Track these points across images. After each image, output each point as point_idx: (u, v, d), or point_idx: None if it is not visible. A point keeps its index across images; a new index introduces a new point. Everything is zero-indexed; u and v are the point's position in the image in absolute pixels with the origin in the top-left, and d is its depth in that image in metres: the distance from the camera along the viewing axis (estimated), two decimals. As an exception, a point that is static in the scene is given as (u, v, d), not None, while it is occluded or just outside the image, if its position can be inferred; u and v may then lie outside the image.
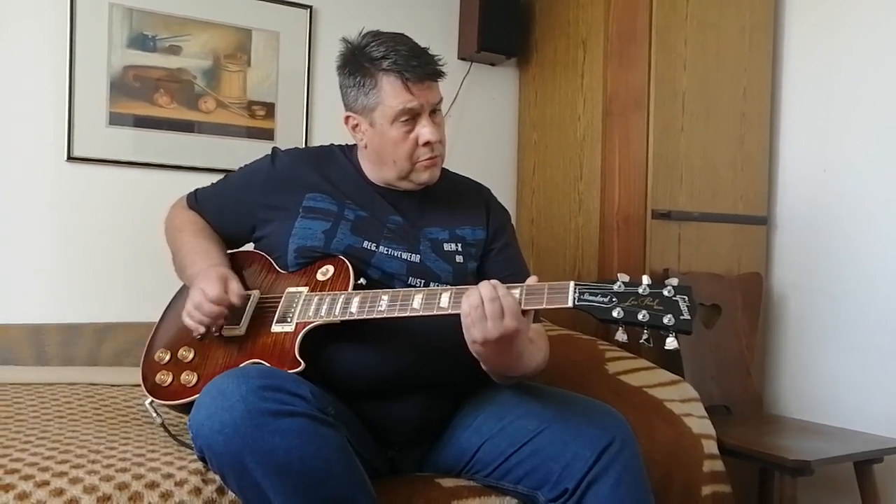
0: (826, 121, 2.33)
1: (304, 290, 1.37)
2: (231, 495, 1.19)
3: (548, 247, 2.61)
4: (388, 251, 1.42)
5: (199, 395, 1.15)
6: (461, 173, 1.66)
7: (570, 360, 1.92)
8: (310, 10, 2.43)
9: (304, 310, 1.33)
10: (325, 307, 1.31)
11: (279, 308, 1.36)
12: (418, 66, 1.35)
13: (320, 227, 1.43)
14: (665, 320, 1.10)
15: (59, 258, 2.13)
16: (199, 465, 1.22)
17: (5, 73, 2.07)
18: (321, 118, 2.46)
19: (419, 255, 1.43)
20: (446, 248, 1.47)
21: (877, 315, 2.16)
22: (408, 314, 1.24)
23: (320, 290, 1.36)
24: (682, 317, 1.10)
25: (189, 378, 1.34)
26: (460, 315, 1.18)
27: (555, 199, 2.59)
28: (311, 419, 1.11)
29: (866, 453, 1.86)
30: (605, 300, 1.13)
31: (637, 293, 1.13)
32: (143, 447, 1.31)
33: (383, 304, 1.27)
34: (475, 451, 1.37)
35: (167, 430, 1.36)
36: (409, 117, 1.38)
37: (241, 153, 2.14)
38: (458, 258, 1.47)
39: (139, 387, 1.41)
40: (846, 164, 2.26)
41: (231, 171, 1.65)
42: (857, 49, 2.25)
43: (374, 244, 1.42)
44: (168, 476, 1.19)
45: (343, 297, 1.31)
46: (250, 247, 1.56)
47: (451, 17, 2.63)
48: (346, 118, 1.47)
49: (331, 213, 1.45)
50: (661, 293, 1.12)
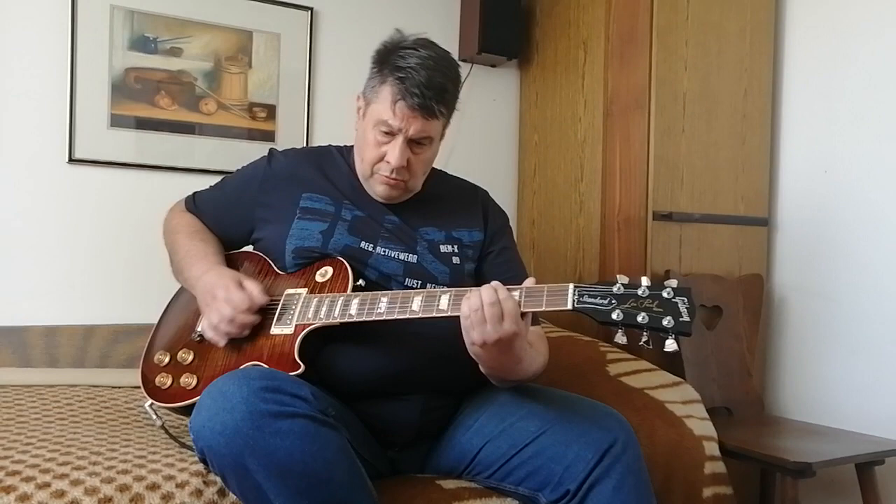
0: (827, 121, 2.32)
1: (303, 291, 1.37)
2: (232, 497, 1.19)
3: (548, 248, 2.61)
4: (385, 252, 1.42)
5: (199, 397, 1.15)
6: (462, 174, 1.66)
7: (572, 362, 1.91)
8: (310, 12, 2.43)
9: (303, 312, 1.33)
10: (324, 309, 1.31)
11: (278, 310, 1.36)
12: (418, 95, 1.34)
13: (318, 227, 1.43)
14: (664, 322, 1.10)
15: (60, 260, 2.13)
16: (201, 466, 1.22)
17: (6, 75, 2.08)
18: (322, 120, 2.46)
19: (416, 256, 1.43)
20: (442, 249, 1.47)
21: (878, 316, 2.16)
22: (407, 316, 1.24)
23: (319, 292, 1.35)
24: (681, 318, 1.10)
25: (189, 380, 1.34)
26: (460, 317, 1.18)
27: (555, 200, 2.59)
28: (312, 420, 1.11)
29: (868, 455, 1.85)
30: (605, 302, 1.13)
31: (636, 295, 1.12)
32: (145, 449, 1.31)
33: (383, 306, 1.27)
34: (476, 452, 1.37)
35: (168, 433, 1.36)
36: (387, 131, 1.39)
37: (243, 155, 2.14)
38: (455, 259, 1.47)
39: (140, 388, 1.41)
40: (847, 165, 2.26)
41: (232, 172, 1.65)
42: (857, 49, 2.25)
43: (372, 245, 1.43)
44: (169, 478, 1.19)
45: (342, 298, 1.31)
46: (248, 248, 1.55)
47: (452, 18, 2.63)
48: (358, 97, 1.49)
49: (328, 213, 1.45)
50: (661, 295, 1.12)
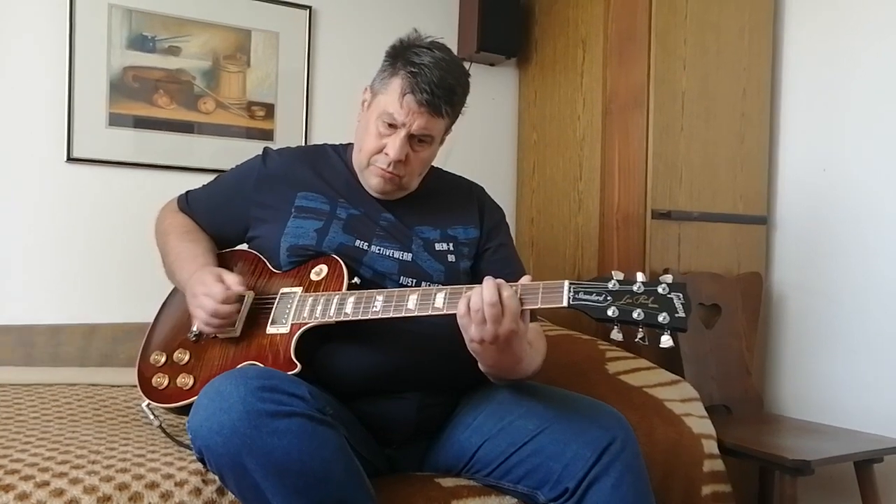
0: (826, 120, 2.32)
1: (299, 290, 1.37)
2: (231, 496, 1.19)
3: (547, 246, 2.61)
4: (380, 250, 1.42)
5: (196, 396, 1.15)
6: (461, 173, 1.66)
7: (571, 360, 1.91)
8: (309, 11, 2.43)
9: (298, 311, 1.33)
10: (319, 308, 1.31)
11: (273, 309, 1.36)
12: (427, 91, 1.35)
13: (312, 225, 1.43)
14: (660, 318, 1.09)
15: (59, 259, 2.13)
16: (200, 465, 1.22)
17: (5, 75, 2.07)
18: (321, 118, 2.46)
19: (411, 254, 1.43)
20: (437, 247, 1.47)
21: (877, 314, 2.16)
22: (403, 314, 1.24)
23: (314, 291, 1.35)
24: (676, 315, 1.09)
25: (185, 381, 1.34)
26: (456, 314, 1.18)
27: (554, 198, 2.59)
28: (310, 419, 1.11)
29: (866, 453, 1.85)
30: (600, 299, 1.12)
31: (631, 291, 1.12)
32: (143, 448, 1.31)
33: (378, 305, 1.26)
34: (475, 450, 1.36)
35: (165, 433, 1.36)
36: (390, 123, 1.39)
37: (241, 154, 2.11)
38: (450, 257, 1.47)
39: (138, 387, 1.41)
40: (846, 163, 2.26)
41: (225, 171, 1.65)
42: (856, 48, 2.24)
43: (366, 243, 1.42)
44: (168, 476, 1.19)
45: (337, 297, 1.30)
46: (244, 247, 1.55)
47: (451, 17, 2.63)
48: (365, 90, 1.49)
49: (323, 211, 1.45)
50: (656, 291, 1.11)
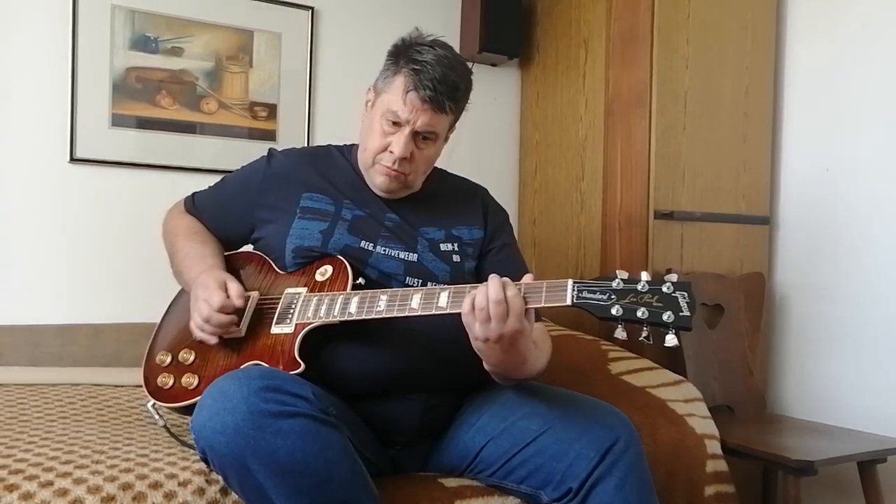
0: (829, 120, 2.32)
1: (303, 290, 1.37)
2: (235, 496, 1.19)
3: (550, 247, 2.61)
4: (385, 251, 1.42)
5: (200, 396, 1.15)
6: (463, 173, 1.66)
7: (573, 361, 1.91)
8: (311, 11, 2.43)
9: (303, 310, 1.33)
10: (324, 308, 1.31)
11: (278, 309, 1.36)
12: (430, 88, 1.36)
13: (317, 227, 1.43)
14: (664, 317, 1.09)
15: (62, 259, 2.13)
16: (203, 465, 1.22)
17: (8, 75, 2.08)
18: (323, 119, 2.46)
19: (416, 255, 1.43)
20: (443, 247, 1.47)
21: (880, 315, 2.16)
22: (406, 314, 1.24)
23: (319, 291, 1.35)
24: (681, 313, 1.09)
25: (190, 380, 1.34)
26: (461, 314, 1.18)
27: (557, 198, 2.59)
28: (313, 420, 1.11)
29: (870, 453, 1.85)
30: (604, 298, 1.12)
31: (636, 290, 1.12)
32: (147, 447, 1.31)
33: (382, 304, 1.27)
34: (478, 450, 1.36)
35: (170, 433, 1.36)
36: (394, 121, 1.39)
37: (244, 154, 2.13)
38: (455, 258, 1.47)
39: (142, 387, 1.41)
40: (849, 163, 2.26)
41: (231, 172, 1.65)
42: (859, 47, 2.24)
43: (372, 244, 1.43)
44: (172, 476, 1.20)
45: (342, 297, 1.31)
46: (249, 248, 1.56)
47: (453, 17, 2.63)
48: (368, 90, 1.50)
49: (328, 212, 1.45)
50: (661, 290, 1.11)
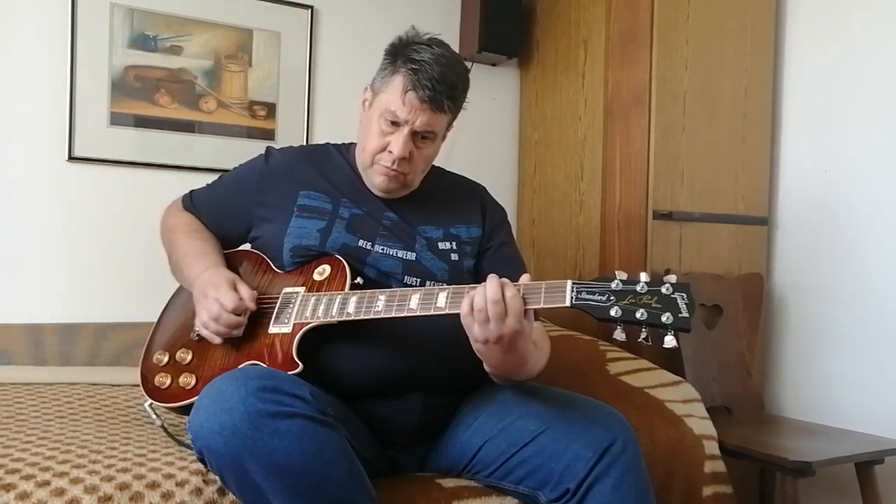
0: (828, 121, 2.32)
1: (301, 290, 1.37)
2: (232, 496, 1.19)
3: (548, 247, 2.61)
4: (383, 250, 1.42)
5: (198, 396, 1.15)
6: (462, 172, 1.66)
7: (572, 361, 1.91)
8: (311, 10, 2.43)
9: (301, 310, 1.32)
10: (322, 308, 1.30)
11: (276, 309, 1.35)
12: (429, 88, 1.35)
13: (315, 225, 1.43)
14: (663, 318, 1.09)
15: (60, 258, 2.13)
16: (200, 465, 1.22)
17: (6, 73, 2.07)
18: (322, 118, 2.46)
19: (415, 254, 1.43)
20: (441, 246, 1.46)
21: (878, 316, 2.16)
22: (405, 314, 1.24)
23: (317, 290, 1.35)
24: (680, 315, 1.09)
25: (187, 380, 1.34)
26: (460, 314, 1.17)
27: (556, 198, 2.59)
28: (311, 420, 1.11)
29: (867, 454, 1.85)
30: (603, 299, 1.12)
31: (635, 291, 1.12)
32: (144, 447, 1.31)
33: (380, 305, 1.26)
34: (476, 451, 1.36)
35: (167, 432, 1.36)
36: (393, 121, 1.39)
37: (243, 153, 2.11)
38: (454, 256, 1.46)
39: (139, 387, 1.41)
40: (848, 164, 2.26)
41: (229, 170, 1.65)
42: (859, 49, 2.24)
43: (370, 243, 1.42)
44: (169, 476, 1.19)
45: (340, 297, 1.30)
46: (247, 246, 1.55)
47: (453, 17, 2.63)
48: (365, 89, 1.49)
49: (326, 211, 1.45)
50: (659, 291, 1.11)
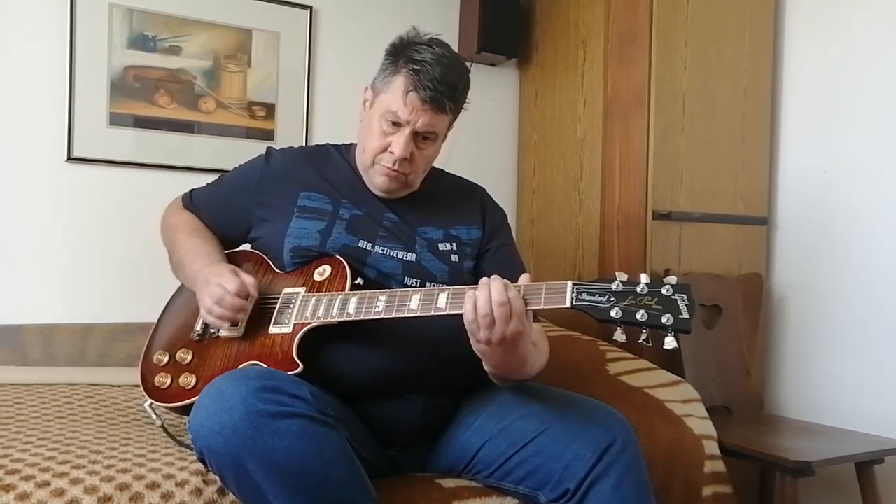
0: (827, 121, 2.32)
1: (302, 290, 1.37)
2: (232, 496, 1.19)
3: (548, 247, 2.61)
4: (383, 251, 1.42)
5: (198, 396, 1.15)
6: (461, 173, 1.66)
7: (571, 361, 1.91)
8: (310, 11, 2.43)
9: (301, 311, 1.32)
10: (322, 308, 1.30)
11: (276, 309, 1.35)
12: (430, 88, 1.35)
13: (315, 226, 1.43)
14: (664, 320, 1.09)
15: (59, 258, 2.13)
16: (200, 465, 1.22)
17: (5, 74, 2.07)
18: (321, 118, 2.46)
19: (415, 255, 1.43)
20: (441, 247, 1.46)
21: (877, 315, 2.16)
22: (405, 315, 1.24)
23: (318, 291, 1.35)
24: (680, 316, 1.09)
25: (188, 380, 1.34)
26: (463, 315, 1.17)
27: (555, 199, 2.59)
28: (311, 420, 1.11)
29: (867, 454, 1.85)
30: (603, 300, 1.12)
31: (635, 292, 1.12)
32: (144, 448, 1.31)
33: (381, 305, 1.26)
34: (476, 451, 1.36)
35: (167, 433, 1.36)
36: (394, 122, 1.39)
37: (242, 154, 2.12)
38: (454, 257, 1.47)
39: (139, 387, 1.40)
40: (847, 164, 2.26)
41: (229, 171, 1.65)
42: (858, 49, 2.24)
43: (370, 243, 1.42)
44: (169, 477, 1.19)
45: (340, 297, 1.30)
46: (246, 247, 1.55)
47: (452, 17, 2.63)
48: (365, 89, 1.49)
49: (326, 212, 1.45)
50: (660, 292, 1.11)
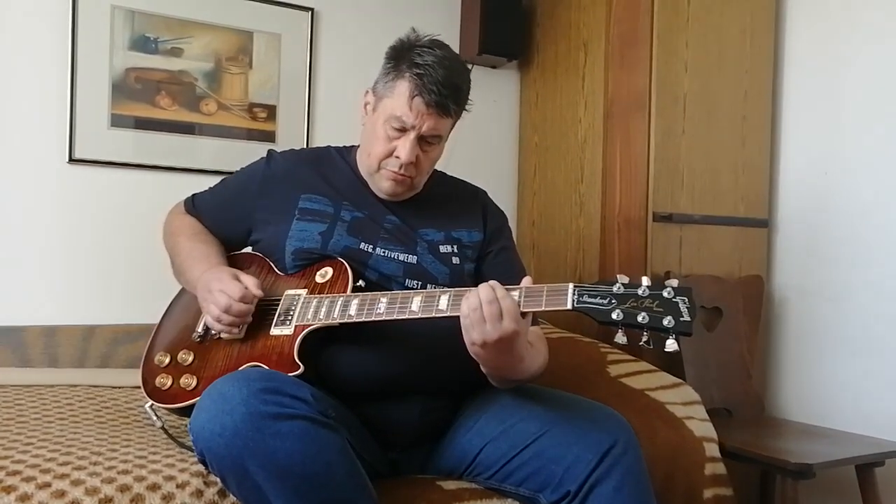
0: (828, 123, 2.32)
1: (303, 292, 1.37)
2: (232, 498, 1.19)
3: (549, 249, 2.61)
4: (384, 253, 1.42)
5: (199, 398, 1.15)
6: (462, 175, 1.66)
7: (572, 363, 1.91)
8: (311, 13, 2.43)
9: (302, 312, 1.33)
10: (323, 309, 1.31)
11: (278, 310, 1.36)
12: (435, 92, 1.35)
13: (317, 228, 1.43)
14: (665, 322, 1.09)
15: (61, 260, 2.13)
16: (201, 467, 1.21)
17: (7, 75, 2.07)
18: (322, 120, 2.46)
19: (416, 257, 1.43)
20: (442, 249, 1.47)
21: (878, 317, 2.16)
22: (406, 316, 1.24)
23: (319, 293, 1.35)
24: (682, 318, 1.09)
25: (189, 381, 1.34)
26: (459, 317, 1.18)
27: (556, 201, 2.59)
28: (312, 422, 1.11)
29: (868, 456, 1.85)
30: (605, 302, 1.12)
31: (636, 295, 1.12)
32: (145, 449, 1.31)
33: (382, 307, 1.26)
34: (477, 453, 1.36)
35: (168, 434, 1.36)
36: (399, 127, 1.39)
37: (243, 155, 2.14)
38: (455, 260, 1.47)
39: (140, 389, 1.41)
40: (847, 166, 2.26)
41: (232, 173, 1.65)
42: (858, 51, 2.25)
43: (371, 246, 1.42)
44: (170, 478, 1.19)
45: (342, 299, 1.30)
46: (248, 250, 1.55)
47: (453, 19, 2.63)
48: (366, 92, 1.49)
49: (327, 214, 1.45)
50: (661, 295, 1.11)
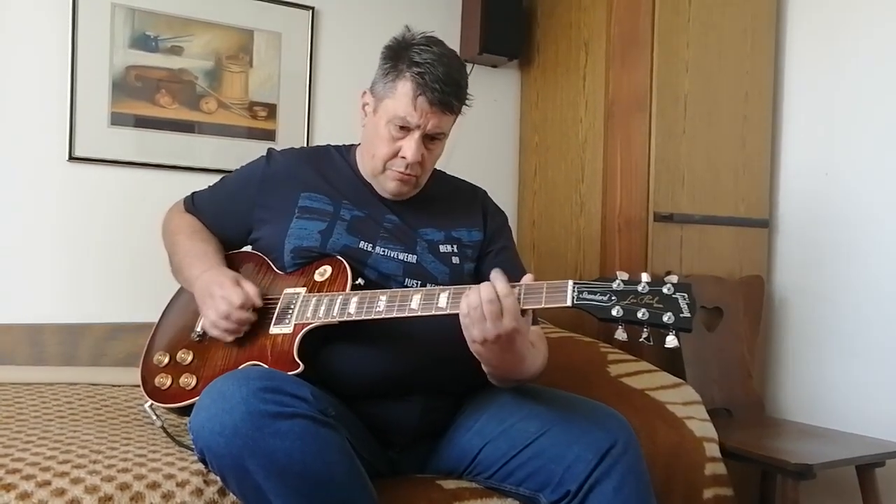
0: (828, 124, 2.32)
1: (302, 290, 1.37)
2: (232, 496, 1.19)
3: (549, 249, 2.61)
4: (384, 252, 1.42)
5: (198, 397, 1.15)
6: (462, 175, 1.66)
7: (572, 363, 1.91)
8: (312, 11, 2.43)
9: (302, 311, 1.32)
10: (323, 308, 1.30)
11: (277, 309, 1.35)
12: (438, 90, 1.35)
13: (316, 227, 1.43)
14: (665, 318, 1.09)
15: (61, 258, 2.13)
16: (201, 465, 1.22)
17: (7, 73, 2.07)
18: (323, 119, 2.46)
19: (416, 256, 1.43)
20: (442, 249, 1.46)
21: (878, 318, 2.16)
22: (406, 314, 1.24)
23: (318, 291, 1.35)
24: (682, 314, 1.09)
25: (188, 381, 1.34)
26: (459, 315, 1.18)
27: (556, 201, 2.59)
28: (312, 421, 1.11)
29: (868, 457, 1.85)
30: (605, 299, 1.12)
31: (636, 291, 1.12)
32: (145, 448, 1.31)
33: (381, 305, 1.26)
34: (477, 452, 1.36)
35: (168, 434, 1.36)
36: (403, 127, 1.39)
37: (243, 154, 2.13)
38: (455, 259, 1.47)
39: (140, 387, 1.40)
40: (848, 167, 2.26)
41: (230, 172, 1.65)
42: (859, 52, 2.25)
43: (371, 244, 1.42)
44: (169, 477, 1.19)
45: (341, 297, 1.30)
46: (248, 248, 1.55)
47: (454, 18, 2.63)
48: (363, 93, 1.48)
49: (327, 212, 1.45)
50: (661, 291, 1.11)
